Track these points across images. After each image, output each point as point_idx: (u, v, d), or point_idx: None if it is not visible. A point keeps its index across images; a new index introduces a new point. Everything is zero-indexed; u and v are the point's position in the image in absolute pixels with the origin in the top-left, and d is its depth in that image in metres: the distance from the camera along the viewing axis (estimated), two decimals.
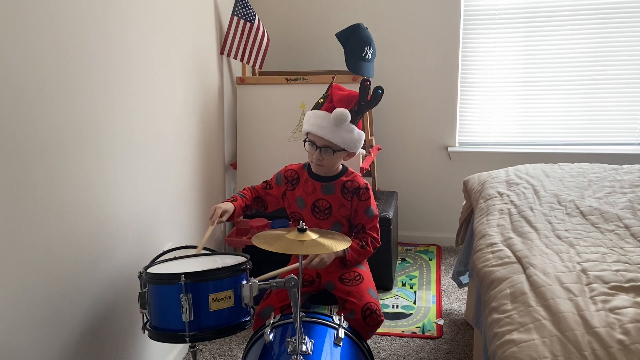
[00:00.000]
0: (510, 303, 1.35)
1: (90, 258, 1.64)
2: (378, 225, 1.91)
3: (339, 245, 1.41)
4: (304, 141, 1.84)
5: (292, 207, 1.92)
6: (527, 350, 1.16)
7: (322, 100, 1.83)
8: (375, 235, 1.89)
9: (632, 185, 2.10)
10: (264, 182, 1.98)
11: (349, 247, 1.77)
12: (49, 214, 1.45)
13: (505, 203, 2.05)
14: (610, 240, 1.63)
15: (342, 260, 1.84)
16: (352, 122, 1.78)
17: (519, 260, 1.54)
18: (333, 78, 2.04)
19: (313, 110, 1.83)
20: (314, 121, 1.79)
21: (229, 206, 1.84)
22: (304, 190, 1.89)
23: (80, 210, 1.58)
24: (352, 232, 1.93)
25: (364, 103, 1.79)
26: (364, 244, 1.86)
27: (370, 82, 1.79)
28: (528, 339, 1.19)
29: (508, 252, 1.62)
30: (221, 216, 1.81)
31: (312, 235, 1.42)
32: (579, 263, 1.47)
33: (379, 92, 1.77)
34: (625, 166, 2.40)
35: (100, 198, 1.68)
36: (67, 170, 1.52)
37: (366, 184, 1.89)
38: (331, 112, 1.76)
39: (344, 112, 1.74)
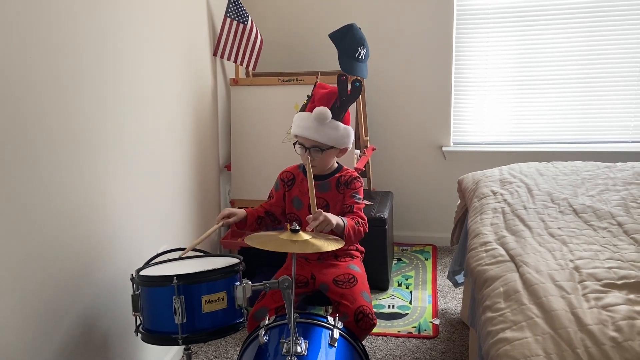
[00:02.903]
0: (504, 301, 1.35)
1: (83, 261, 1.63)
2: (364, 214, 1.84)
3: (331, 245, 1.42)
4: (294, 144, 1.85)
5: (289, 208, 1.93)
6: (520, 348, 1.16)
7: (305, 101, 1.85)
8: (364, 219, 1.82)
9: (625, 182, 2.11)
10: (268, 196, 1.99)
11: (346, 220, 1.72)
12: (42, 217, 1.44)
13: (499, 202, 2.05)
14: (603, 237, 1.63)
15: (340, 234, 1.72)
16: (335, 118, 1.79)
17: (512, 258, 1.54)
18: (317, 77, 2.05)
19: (299, 113, 1.85)
20: (299, 123, 1.81)
21: (240, 210, 1.85)
22: (300, 190, 1.89)
23: (73, 213, 1.58)
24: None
25: (344, 98, 1.80)
26: (358, 220, 1.79)
27: (346, 76, 1.80)
28: (521, 337, 1.19)
29: (501, 251, 1.62)
30: (229, 217, 1.80)
31: (305, 236, 1.43)
32: (571, 261, 1.47)
33: (357, 85, 1.79)
34: (618, 164, 2.40)
35: (93, 200, 1.68)
36: (59, 173, 1.51)
37: (357, 176, 1.91)
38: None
39: (322, 110, 1.76)
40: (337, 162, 1.93)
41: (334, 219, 1.67)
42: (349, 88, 1.80)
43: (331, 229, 1.66)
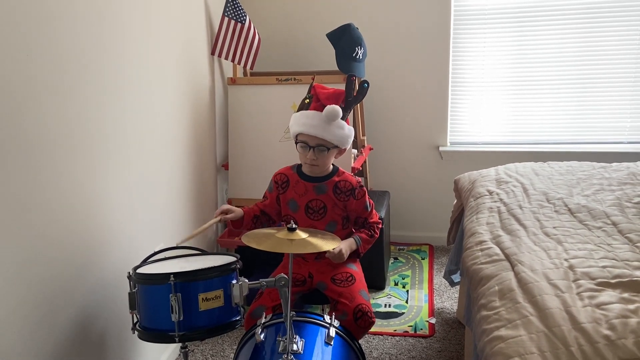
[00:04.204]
0: (499, 300, 1.36)
1: (80, 259, 1.64)
2: (374, 210, 1.97)
3: (328, 244, 1.42)
4: (295, 144, 1.85)
5: (285, 210, 1.93)
6: (515, 346, 1.17)
7: (307, 100, 1.84)
8: (378, 220, 1.97)
9: (620, 183, 2.12)
10: (263, 197, 2.01)
11: (360, 239, 1.88)
12: (38, 215, 1.44)
13: (495, 201, 2.07)
14: (598, 237, 1.65)
15: (355, 252, 1.89)
16: (342, 117, 1.80)
17: (508, 257, 1.56)
18: (313, 79, 2.05)
19: (301, 112, 1.84)
20: (305, 121, 1.79)
21: (237, 209, 1.87)
22: (296, 192, 1.89)
23: (71, 211, 1.58)
24: (346, 227, 1.93)
25: (350, 98, 1.81)
26: (372, 232, 1.93)
27: (355, 77, 1.81)
28: (515, 335, 1.20)
29: (497, 250, 1.63)
30: (226, 213, 1.83)
31: (302, 235, 1.43)
32: (566, 260, 1.48)
33: (364, 86, 1.80)
34: (613, 164, 2.42)
35: (90, 199, 1.68)
36: (57, 171, 1.51)
37: (358, 182, 1.90)
38: (320, 111, 1.77)
39: (335, 108, 1.76)
40: (332, 164, 1.93)
41: (347, 251, 1.83)
42: (355, 89, 1.80)
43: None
